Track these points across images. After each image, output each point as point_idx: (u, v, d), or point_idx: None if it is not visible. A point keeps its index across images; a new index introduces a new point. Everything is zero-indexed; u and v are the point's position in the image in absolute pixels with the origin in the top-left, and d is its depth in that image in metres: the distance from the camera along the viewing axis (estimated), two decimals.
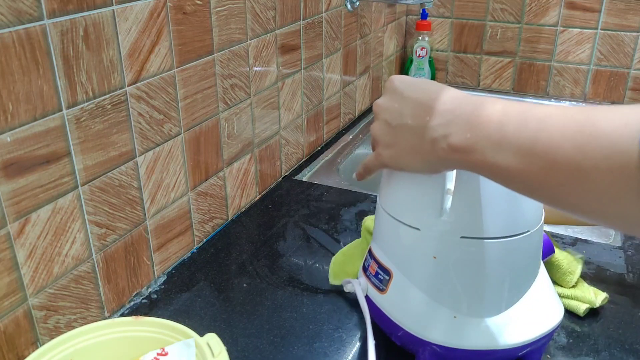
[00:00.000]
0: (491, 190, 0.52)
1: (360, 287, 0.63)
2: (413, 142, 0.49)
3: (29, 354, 0.54)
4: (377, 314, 0.61)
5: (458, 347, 0.55)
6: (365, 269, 0.63)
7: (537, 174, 0.40)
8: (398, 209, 0.57)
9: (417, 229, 0.55)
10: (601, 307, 0.70)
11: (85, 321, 0.67)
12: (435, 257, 0.54)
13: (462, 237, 0.53)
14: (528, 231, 0.54)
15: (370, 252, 0.63)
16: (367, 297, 0.62)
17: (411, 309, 0.57)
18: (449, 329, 0.55)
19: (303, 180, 1.07)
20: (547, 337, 0.57)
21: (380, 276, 0.60)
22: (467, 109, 0.45)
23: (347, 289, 0.66)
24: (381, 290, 0.59)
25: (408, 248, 0.57)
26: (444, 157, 0.47)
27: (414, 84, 0.52)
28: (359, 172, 0.60)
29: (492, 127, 0.43)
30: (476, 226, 0.53)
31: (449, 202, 0.51)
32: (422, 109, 0.49)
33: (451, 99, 0.48)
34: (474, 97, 0.47)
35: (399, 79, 0.54)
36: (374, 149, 0.56)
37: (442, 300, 0.55)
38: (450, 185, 0.51)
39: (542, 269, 0.59)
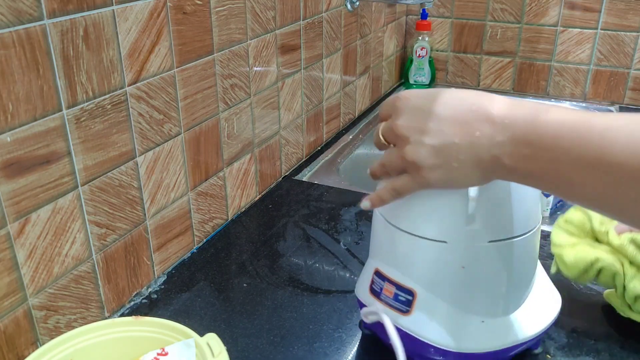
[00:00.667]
0: (506, 189, 0.52)
1: (387, 317, 0.56)
2: (470, 159, 0.47)
3: (29, 354, 0.54)
4: (400, 337, 0.57)
5: (489, 350, 0.55)
6: (376, 293, 0.59)
7: (603, 189, 0.40)
8: (421, 226, 0.54)
9: (444, 242, 0.54)
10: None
11: (85, 321, 0.67)
12: (463, 267, 0.54)
13: (490, 241, 0.53)
14: (539, 222, 0.57)
15: (378, 274, 0.59)
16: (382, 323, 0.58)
17: (441, 324, 0.55)
18: (479, 334, 0.55)
19: (303, 180, 1.07)
20: (553, 321, 0.60)
21: (401, 298, 0.57)
22: (519, 122, 0.45)
23: (369, 320, 0.60)
24: (404, 312, 0.56)
25: (434, 263, 0.55)
26: (503, 171, 0.46)
27: (435, 98, 0.50)
28: (379, 197, 0.55)
29: (549, 143, 0.43)
30: (502, 228, 0.54)
31: (473, 209, 0.52)
32: (467, 124, 0.47)
33: (498, 107, 0.46)
34: (522, 106, 0.46)
35: (412, 95, 0.51)
36: (406, 172, 0.52)
37: (470, 308, 0.55)
38: (474, 192, 0.52)
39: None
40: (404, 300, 0.56)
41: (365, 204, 0.57)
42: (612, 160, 0.39)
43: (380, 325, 0.57)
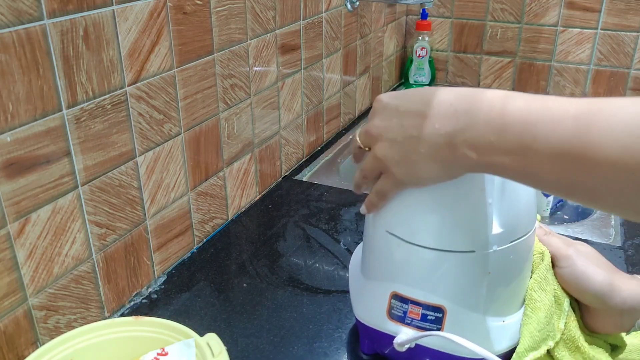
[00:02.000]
0: (513, 185, 0.52)
1: (458, 337, 0.52)
2: (427, 152, 0.47)
3: (29, 354, 0.54)
4: (435, 356, 0.56)
5: (513, 346, 0.55)
6: (399, 318, 0.56)
7: (575, 175, 0.39)
8: (447, 240, 0.52)
9: (472, 251, 0.53)
10: None
11: (85, 321, 0.67)
12: (489, 273, 0.53)
13: (511, 241, 0.53)
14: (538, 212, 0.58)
15: (398, 297, 0.56)
16: (416, 346, 0.56)
17: (474, 334, 0.54)
18: (504, 335, 0.55)
19: (303, 180, 1.07)
20: None
21: (430, 317, 0.54)
22: (483, 107, 0.43)
23: (405, 348, 0.55)
24: (436, 331, 0.54)
25: (463, 275, 0.54)
26: (466, 162, 0.45)
27: (404, 96, 0.50)
28: (370, 201, 0.55)
29: (517, 128, 0.41)
30: (519, 225, 0.54)
31: (493, 213, 0.52)
32: (425, 116, 0.47)
33: (455, 98, 0.46)
34: (487, 93, 0.45)
35: (385, 96, 0.52)
36: (380, 173, 0.53)
37: (495, 311, 0.55)
38: (491, 198, 0.52)
39: None
40: (434, 319, 0.54)
41: (362, 209, 0.57)
42: (587, 147, 0.38)
43: (409, 352, 0.56)
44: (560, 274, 0.57)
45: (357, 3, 1.21)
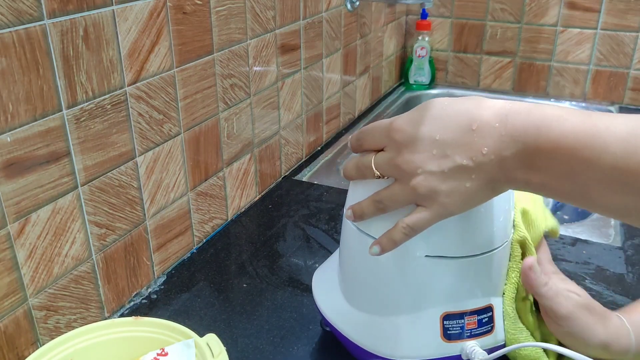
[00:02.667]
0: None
1: (482, 356, 0.53)
2: (480, 178, 0.46)
3: (29, 354, 0.54)
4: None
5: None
6: (457, 335, 0.55)
7: (623, 198, 0.40)
8: (488, 242, 0.54)
9: (506, 242, 0.55)
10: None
11: (85, 321, 0.67)
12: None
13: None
14: None
15: (451, 316, 0.54)
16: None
17: (506, 317, 0.57)
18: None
19: (303, 180, 1.07)
20: None
21: (484, 320, 0.55)
22: (529, 131, 0.43)
23: None
24: (489, 332, 0.55)
25: (501, 268, 0.56)
26: (515, 183, 0.46)
27: (434, 122, 0.47)
28: (391, 238, 0.50)
29: (566, 152, 0.42)
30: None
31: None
32: (471, 143, 0.45)
33: (497, 116, 0.45)
34: (524, 112, 0.44)
35: (407, 125, 0.48)
36: (417, 204, 0.49)
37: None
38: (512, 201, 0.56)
39: None
40: (487, 320, 0.55)
41: (374, 250, 0.52)
42: (633, 168, 0.39)
43: None
44: (557, 332, 0.55)
45: (357, 3, 1.21)
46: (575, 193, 0.43)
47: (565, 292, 0.54)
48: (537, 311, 0.58)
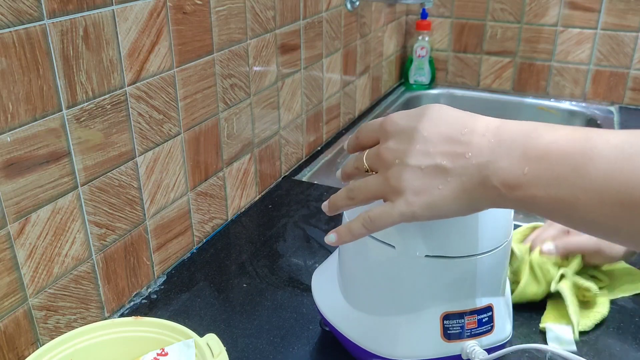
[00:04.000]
0: None
1: (483, 355, 0.53)
2: (455, 183, 0.44)
3: (29, 354, 0.54)
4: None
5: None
6: (457, 335, 0.55)
7: (613, 214, 0.37)
8: (485, 241, 0.53)
9: (506, 241, 0.55)
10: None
11: (85, 321, 0.67)
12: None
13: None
14: None
15: (451, 316, 0.54)
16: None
17: (509, 315, 0.58)
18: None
19: (303, 180, 1.07)
20: None
21: (484, 319, 0.55)
22: (518, 139, 0.41)
23: None
24: (489, 331, 0.55)
25: (501, 268, 0.56)
26: (494, 196, 0.42)
27: (425, 118, 0.46)
28: (350, 230, 0.49)
29: (554, 158, 0.39)
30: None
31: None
32: (456, 144, 0.44)
33: (488, 128, 0.44)
34: (516, 124, 0.43)
35: (400, 117, 0.48)
36: (385, 199, 0.47)
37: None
38: None
39: None
40: (487, 320, 0.55)
41: (330, 237, 0.51)
42: (627, 176, 0.36)
43: None
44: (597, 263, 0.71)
45: (357, 3, 1.21)
46: (560, 206, 0.39)
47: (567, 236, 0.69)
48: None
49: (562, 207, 0.40)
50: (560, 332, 0.66)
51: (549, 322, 0.68)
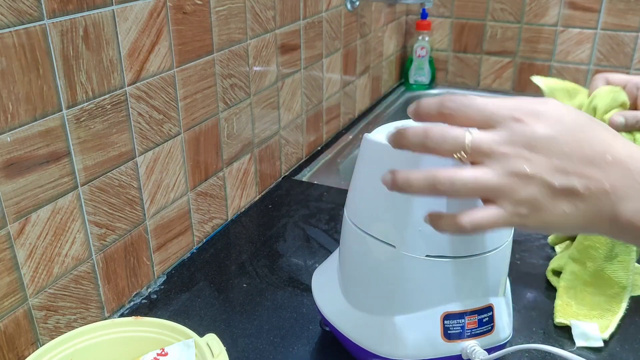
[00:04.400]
0: None
1: (483, 356, 0.53)
2: (583, 211, 0.41)
3: (29, 354, 0.54)
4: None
5: None
6: (458, 335, 0.55)
7: None
8: (486, 242, 0.53)
9: (507, 241, 0.55)
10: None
11: (85, 321, 0.67)
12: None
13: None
14: None
15: (452, 316, 0.54)
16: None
17: (508, 315, 0.58)
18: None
19: (303, 180, 1.07)
20: None
21: (484, 319, 0.55)
22: None
23: None
24: (489, 331, 0.55)
25: (503, 268, 0.56)
26: (617, 229, 0.41)
27: (566, 128, 0.42)
28: (462, 224, 0.42)
29: None
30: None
31: None
32: (597, 169, 0.41)
33: (632, 156, 0.41)
34: None
35: (531, 116, 0.44)
36: (490, 200, 0.43)
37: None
38: None
39: None
40: (487, 320, 0.55)
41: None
42: None
43: None
44: None
45: (357, 3, 1.21)
46: None
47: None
48: None
49: None
50: (586, 328, 0.66)
51: (571, 318, 0.68)
